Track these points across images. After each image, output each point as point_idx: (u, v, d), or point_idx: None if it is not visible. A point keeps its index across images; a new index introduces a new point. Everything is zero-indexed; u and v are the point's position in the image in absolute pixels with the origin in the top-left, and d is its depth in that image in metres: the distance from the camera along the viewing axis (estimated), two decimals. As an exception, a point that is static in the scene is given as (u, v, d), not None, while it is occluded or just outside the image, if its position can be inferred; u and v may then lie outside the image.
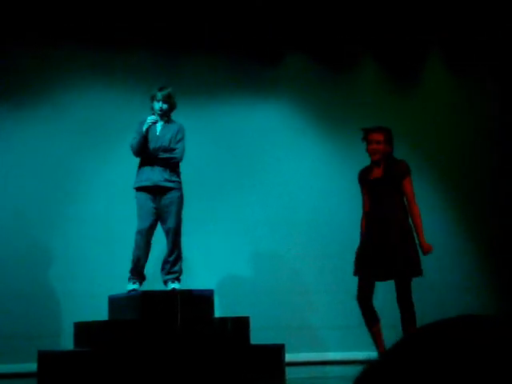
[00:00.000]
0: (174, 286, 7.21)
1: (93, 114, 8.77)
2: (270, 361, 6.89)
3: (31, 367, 7.10)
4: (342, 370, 6.35)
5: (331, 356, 8.63)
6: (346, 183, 9.30)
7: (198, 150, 8.60)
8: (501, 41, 9.83)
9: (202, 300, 7.15)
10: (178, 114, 7.49)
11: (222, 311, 7.49)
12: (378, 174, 6.56)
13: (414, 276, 6.46)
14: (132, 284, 7.24)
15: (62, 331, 8.12)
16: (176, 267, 7.26)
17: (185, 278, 7.38)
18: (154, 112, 7.19)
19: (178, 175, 7.21)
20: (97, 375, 6.54)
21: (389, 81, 9.78)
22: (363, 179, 6.67)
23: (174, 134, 7.18)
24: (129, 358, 6.63)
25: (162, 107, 7.16)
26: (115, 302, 7.41)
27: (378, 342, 6.46)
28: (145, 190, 7.14)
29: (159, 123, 7.19)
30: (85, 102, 8.78)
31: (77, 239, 8.52)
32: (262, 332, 7.26)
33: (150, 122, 7.09)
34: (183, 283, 7.33)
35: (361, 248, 6.58)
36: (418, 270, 6.43)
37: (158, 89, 7.18)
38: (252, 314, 7.25)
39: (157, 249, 7.39)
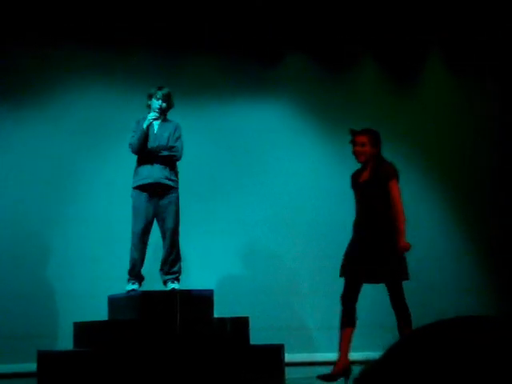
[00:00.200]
0: (174, 286, 7.22)
1: (93, 114, 8.77)
2: (269, 361, 6.89)
3: (31, 367, 7.10)
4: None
5: (331, 356, 8.61)
6: (345, 183, 9.28)
7: (197, 149, 8.60)
8: (501, 41, 9.82)
9: (201, 300, 7.15)
10: (178, 114, 7.49)
11: (221, 311, 7.48)
12: (366, 176, 6.51)
13: (402, 280, 6.42)
14: (131, 284, 7.25)
15: (61, 331, 8.12)
16: (175, 267, 7.27)
17: (184, 278, 7.39)
18: (152, 110, 7.21)
19: (177, 175, 7.23)
20: (96, 375, 6.54)
21: (389, 81, 9.78)
22: (354, 182, 6.62)
23: (172, 133, 7.21)
24: (128, 358, 6.63)
25: (161, 105, 7.20)
26: (115, 302, 7.41)
27: (343, 346, 6.34)
28: (143, 189, 7.14)
29: (156, 122, 7.22)
30: (85, 102, 8.79)
31: (77, 239, 8.52)
32: (262, 332, 7.26)
33: (151, 118, 7.14)
34: (182, 283, 7.33)
35: (349, 249, 6.50)
36: (404, 273, 6.40)
37: (157, 87, 7.25)
38: (251, 315, 7.25)
39: (156, 249, 7.39)
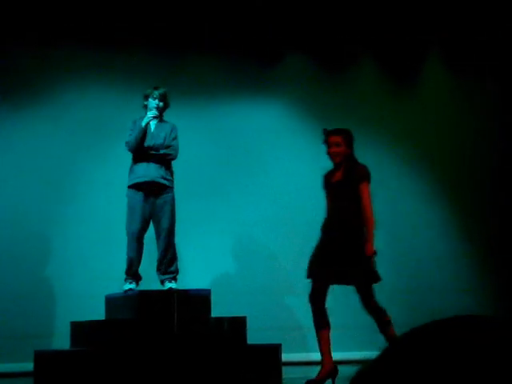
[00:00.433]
0: (171, 285, 7.23)
1: (92, 114, 8.79)
2: (266, 361, 6.89)
3: (27, 367, 7.08)
4: (339, 370, 6.32)
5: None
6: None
7: (197, 149, 8.61)
8: (501, 41, 9.81)
9: (198, 300, 7.15)
10: (178, 114, 7.51)
11: (218, 311, 7.48)
12: (339, 177, 6.41)
13: (370, 282, 6.32)
14: (129, 284, 7.26)
15: (58, 331, 8.12)
16: (172, 267, 7.28)
17: (181, 277, 7.39)
18: (149, 109, 7.24)
19: (172, 174, 7.25)
20: (93, 375, 6.55)
21: (388, 81, 9.77)
22: (326, 182, 6.51)
23: (169, 133, 7.24)
24: (125, 357, 6.64)
25: (158, 105, 7.22)
26: (112, 301, 7.42)
27: (323, 348, 6.27)
28: (138, 188, 7.15)
29: (152, 122, 7.24)
30: (84, 102, 8.80)
31: (75, 239, 8.53)
32: (259, 332, 7.27)
33: (150, 116, 7.16)
34: (180, 283, 7.33)
35: (317, 251, 6.41)
36: (374, 276, 6.31)
37: (153, 87, 7.29)
38: (249, 314, 7.25)
39: (154, 248, 7.40)
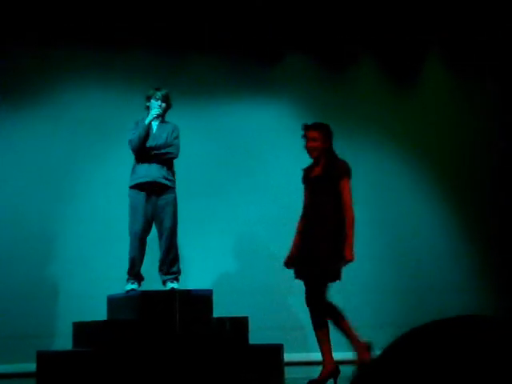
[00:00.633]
0: (173, 285, 7.23)
1: (92, 114, 8.78)
2: (268, 361, 6.89)
3: (30, 367, 7.09)
4: (341, 370, 6.33)
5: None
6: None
7: (197, 149, 8.61)
8: (501, 41, 9.82)
9: (200, 300, 7.15)
10: (178, 114, 7.50)
11: (220, 311, 7.48)
12: (318, 172, 6.36)
13: (323, 280, 6.22)
14: (131, 284, 7.26)
15: (60, 331, 8.12)
16: (174, 267, 7.28)
17: (183, 277, 7.39)
18: (151, 109, 7.24)
19: (174, 174, 7.25)
20: (96, 375, 6.54)
21: (388, 80, 9.77)
22: (305, 177, 6.44)
23: (170, 133, 7.24)
24: (128, 358, 6.63)
25: (160, 105, 7.23)
26: (114, 301, 7.41)
27: (324, 348, 6.22)
28: (140, 188, 7.15)
29: (155, 123, 7.24)
30: (85, 102, 8.79)
31: (76, 239, 8.52)
32: (261, 332, 7.27)
33: (154, 114, 7.17)
34: (181, 283, 7.33)
35: (293, 247, 6.41)
36: (332, 274, 6.21)
37: (154, 89, 7.30)
38: (251, 314, 7.24)
39: (156, 248, 7.39)
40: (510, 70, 9.93)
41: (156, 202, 7.17)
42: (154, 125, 7.27)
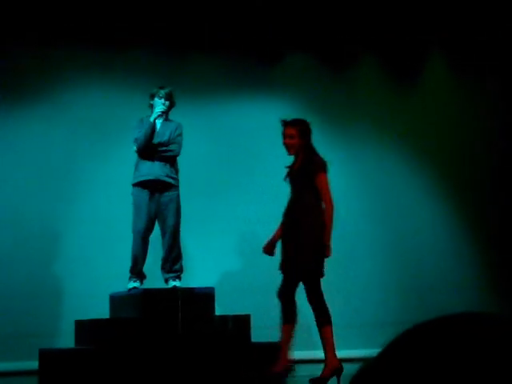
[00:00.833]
0: (175, 283, 7.22)
1: (93, 114, 8.78)
2: (271, 359, 6.88)
3: (32, 365, 7.09)
4: (344, 368, 6.31)
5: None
6: (345, 181, 9.30)
7: (198, 148, 8.61)
8: (502, 41, 9.83)
9: (202, 298, 7.15)
10: (179, 112, 7.50)
11: (222, 309, 7.48)
12: (296, 167, 6.36)
13: (303, 277, 6.21)
14: (133, 282, 7.26)
15: (62, 329, 8.10)
16: (177, 265, 7.27)
17: (185, 275, 7.38)
18: (155, 107, 7.25)
19: (177, 172, 7.25)
20: (98, 373, 6.55)
21: (389, 80, 9.78)
22: (288, 173, 6.42)
23: (173, 131, 7.25)
24: (130, 356, 6.63)
25: (164, 104, 7.23)
26: (116, 300, 7.41)
27: (328, 345, 6.18)
28: (143, 186, 7.16)
29: (158, 121, 7.25)
30: (85, 102, 8.79)
31: (78, 238, 8.52)
32: (263, 330, 7.25)
33: (159, 111, 7.18)
34: (184, 281, 7.33)
35: (275, 235, 6.44)
36: (311, 271, 6.17)
37: (158, 87, 7.31)
38: (253, 312, 7.25)
39: (158, 246, 7.39)
40: (511, 70, 9.94)
41: (159, 200, 7.17)
42: (158, 123, 7.28)
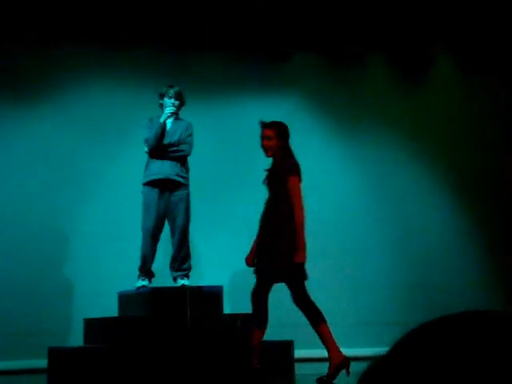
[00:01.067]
0: (184, 282, 7.24)
1: (94, 113, 8.78)
2: (279, 357, 6.90)
3: (41, 363, 7.10)
4: (351, 366, 6.32)
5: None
6: (352, 181, 9.32)
7: (206, 147, 8.61)
8: (509, 41, 9.80)
9: (211, 296, 7.16)
10: (186, 111, 7.51)
11: (231, 308, 7.49)
12: (271, 169, 6.35)
13: (271, 279, 6.21)
14: (141, 281, 7.27)
15: (71, 328, 8.13)
16: (185, 264, 7.28)
17: (194, 274, 7.39)
18: (165, 107, 7.25)
19: (187, 171, 7.26)
20: (107, 372, 6.56)
21: (396, 80, 9.78)
22: (267, 175, 6.40)
23: (184, 130, 7.25)
24: (138, 354, 6.64)
25: (174, 103, 7.24)
26: (125, 298, 7.42)
27: (329, 342, 6.17)
28: (154, 185, 7.17)
29: (169, 120, 7.25)
30: (86, 102, 8.79)
31: (87, 237, 8.53)
32: (271, 328, 7.24)
33: (168, 112, 7.19)
34: (192, 280, 7.34)
35: (254, 245, 6.42)
36: (281, 274, 6.16)
37: (167, 86, 7.30)
38: (261, 311, 7.24)
39: (166, 245, 7.40)
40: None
41: (169, 199, 7.18)
42: (169, 122, 7.27)
